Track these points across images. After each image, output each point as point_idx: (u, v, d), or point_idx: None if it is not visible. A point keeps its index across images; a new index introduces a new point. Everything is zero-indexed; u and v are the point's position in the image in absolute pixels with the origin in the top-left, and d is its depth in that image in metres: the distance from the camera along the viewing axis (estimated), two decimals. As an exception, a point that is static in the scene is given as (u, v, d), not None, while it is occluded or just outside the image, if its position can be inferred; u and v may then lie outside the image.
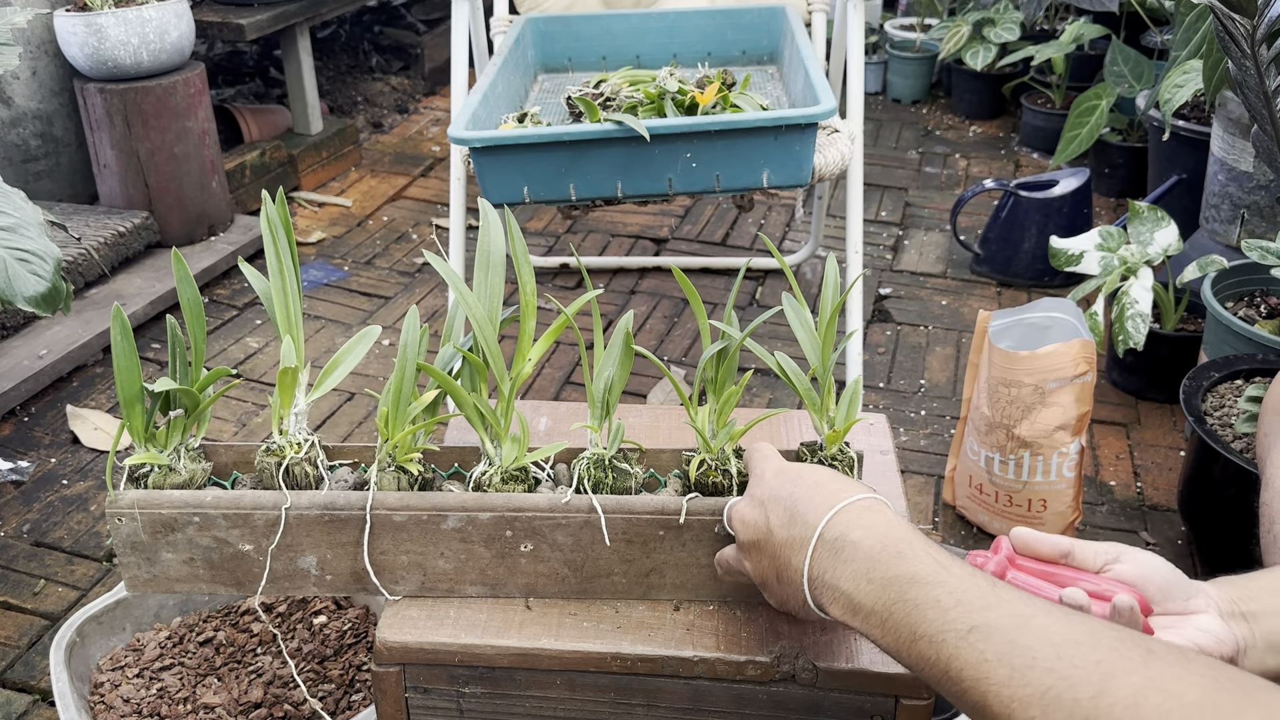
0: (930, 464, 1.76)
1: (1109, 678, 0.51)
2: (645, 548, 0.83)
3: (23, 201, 1.31)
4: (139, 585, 0.87)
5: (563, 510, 0.82)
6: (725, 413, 0.86)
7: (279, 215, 0.86)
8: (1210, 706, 0.48)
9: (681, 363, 2.08)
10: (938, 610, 0.59)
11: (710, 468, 0.85)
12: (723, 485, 0.84)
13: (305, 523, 0.84)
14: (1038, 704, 0.52)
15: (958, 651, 0.57)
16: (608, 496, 0.83)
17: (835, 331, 0.86)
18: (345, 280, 2.41)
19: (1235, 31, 1.17)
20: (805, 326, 0.88)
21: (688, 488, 0.86)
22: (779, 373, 0.86)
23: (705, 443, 0.85)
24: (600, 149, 1.35)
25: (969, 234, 2.52)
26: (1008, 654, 0.54)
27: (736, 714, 0.83)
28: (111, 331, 0.83)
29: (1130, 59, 2.65)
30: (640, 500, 0.83)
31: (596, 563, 0.84)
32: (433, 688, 0.84)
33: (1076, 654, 0.53)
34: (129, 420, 0.84)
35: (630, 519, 0.82)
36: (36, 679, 1.37)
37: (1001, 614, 0.57)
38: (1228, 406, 1.53)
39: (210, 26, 2.61)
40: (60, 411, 1.91)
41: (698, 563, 0.84)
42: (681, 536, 0.83)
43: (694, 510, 0.82)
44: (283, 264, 0.86)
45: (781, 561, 0.71)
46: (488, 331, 0.84)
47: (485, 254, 0.87)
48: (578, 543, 0.83)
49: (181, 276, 0.87)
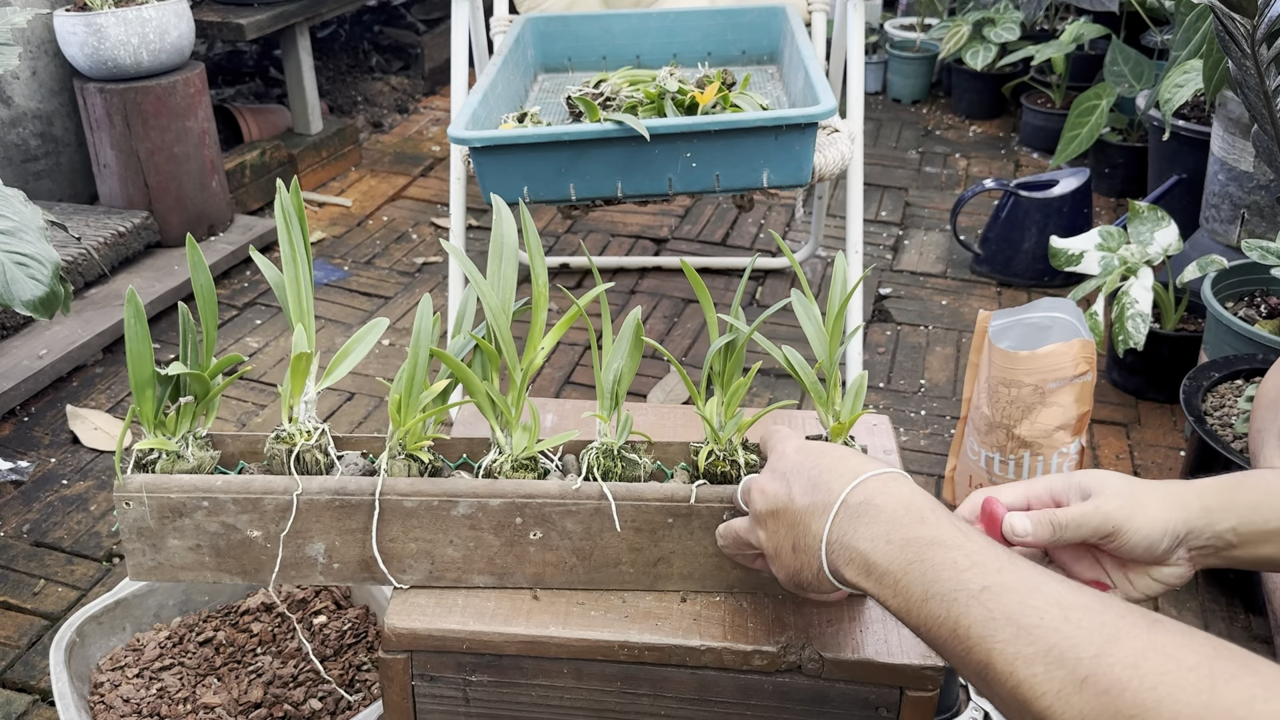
0: (930, 464, 1.76)
1: (1111, 639, 0.53)
2: (654, 536, 0.84)
3: (22, 204, 1.31)
4: (143, 573, 0.87)
5: (573, 496, 0.83)
6: (733, 404, 0.86)
7: (293, 205, 0.86)
8: (1207, 671, 0.50)
9: (683, 362, 2.08)
10: (953, 570, 0.60)
11: (719, 458, 0.85)
12: (731, 475, 0.85)
13: (315, 508, 0.84)
14: (1040, 661, 0.54)
15: (967, 609, 0.58)
16: (617, 484, 0.84)
17: (844, 324, 0.87)
18: (345, 280, 2.41)
19: (1235, 31, 1.17)
20: (814, 321, 0.88)
21: (695, 478, 0.86)
22: (786, 366, 0.86)
23: (714, 433, 0.86)
24: (600, 149, 1.35)
25: (969, 234, 2.52)
26: (1016, 613, 0.56)
27: (742, 704, 0.83)
28: (125, 314, 0.83)
29: (1130, 59, 2.66)
30: (650, 487, 0.83)
31: (605, 551, 0.85)
32: (440, 675, 0.84)
33: (1083, 617, 0.54)
34: (139, 404, 0.84)
35: (639, 505, 0.83)
36: (36, 679, 1.37)
37: (1014, 577, 0.58)
38: (1228, 406, 1.53)
39: (210, 26, 2.61)
40: (60, 411, 1.91)
41: (705, 552, 0.84)
42: (690, 524, 0.83)
43: (703, 497, 0.83)
44: (296, 253, 0.86)
45: (800, 528, 0.71)
46: (501, 319, 0.84)
47: (499, 245, 0.88)
48: (587, 530, 0.84)
49: (196, 264, 0.87)
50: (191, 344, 0.89)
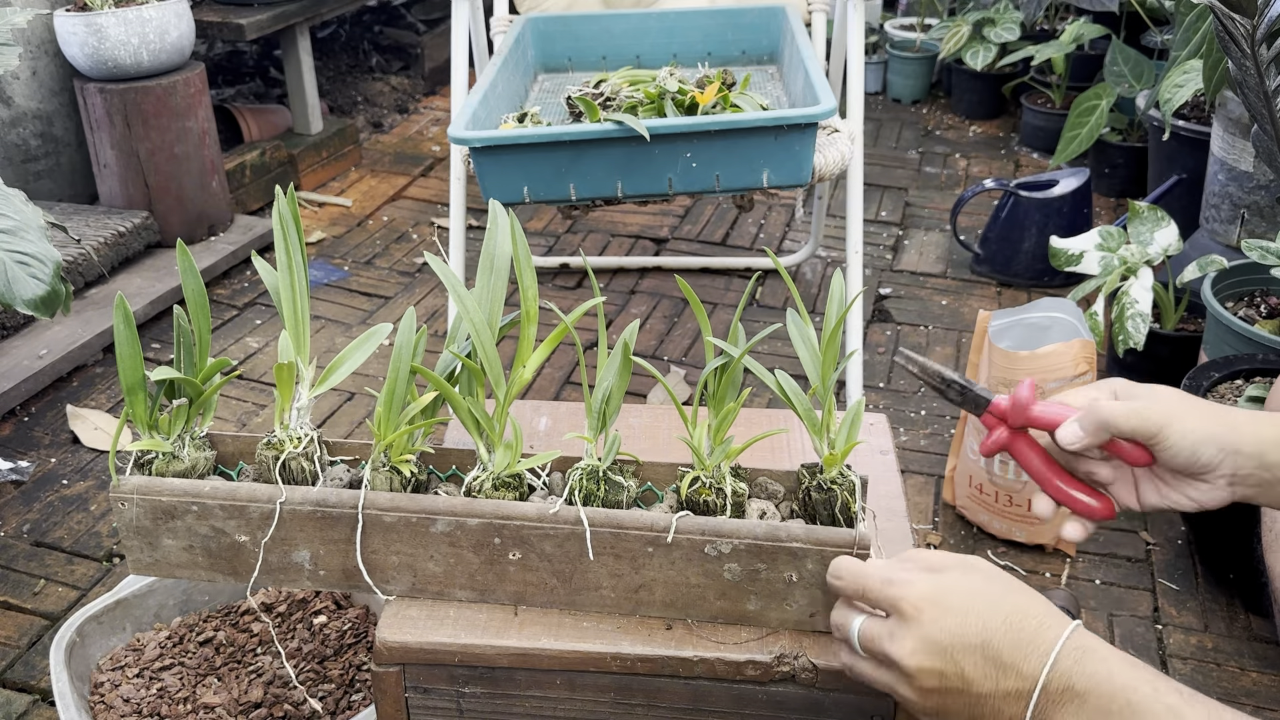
0: (930, 464, 1.76)
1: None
2: (634, 563, 0.82)
3: (22, 204, 1.31)
4: (142, 569, 0.89)
5: (550, 520, 0.82)
6: (723, 429, 0.84)
7: (290, 210, 0.86)
8: None
9: (682, 362, 2.08)
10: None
11: (703, 485, 0.83)
12: (715, 505, 0.82)
13: (299, 518, 0.84)
14: None
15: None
16: (596, 510, 0.82)
17: (838, 346, 0.85)
18: (345, 280, 2.41)
19: (1235, 31, 1.17)
20: (808, 344, 0.86)
21: (680, 506, 0.84)
22: (779, 393, 0.84)
23: (700, 459, 0.84)
24: (600, 149, 1.35)
25: (969, 234, 2.52)
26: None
27: (736, 714, 0.83)
28: (114, 320, 0.83)
29: (1130, 59, 2.65)
30: (629, 515, 0.81)
31: (585, 575, 0.83)
32: (432, 688, 0.84)
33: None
34: (131, 407, 0.85)
35: (618, 533, 0.81)
36: (36, 679, 1.37)
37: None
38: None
39: (210, 26, 2.61)
40: (60, 411, 1.91)
41: (688, 583, 0.82)
42: (670, 555, 0.81)
43: (683, 529, 0.80)
44: (292, 259, 0.87)
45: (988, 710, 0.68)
46: (485, 337, 0.83)
47: (490, 257, 0.86)
48: (565, 554, 0.83)
49: (186, 268, 0.87)
50: (186, 347, 0.89)
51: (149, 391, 0.86)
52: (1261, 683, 1.35)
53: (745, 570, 0.81)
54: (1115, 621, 1.44)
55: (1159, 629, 1.44)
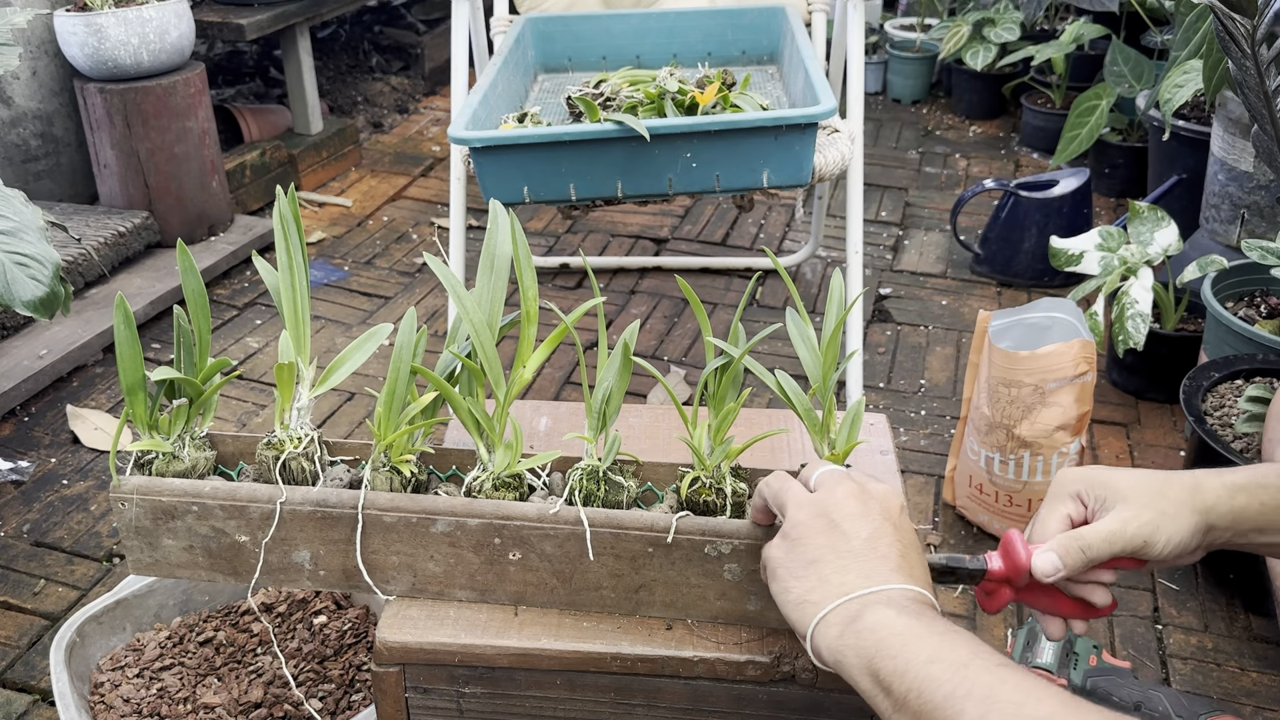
0: (930, 464, 1.76)
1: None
2: (634, 564, 0.82)
3: (22, 205, 1.31)
4: (142, 569, 0.89)
5: (550, 521, 0.82)
6: (723, 430, 0.84)
7: (290, 210, 0.86)
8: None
9: (682, 362, 2.08)
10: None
11: (704, 485, 0.83)
12: (715, 505, 0.82)
13: (299, 518, 0.84)
14: None
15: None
16: (597, 510, 0.82)
17: (838, 347, 0.85)
18: (345, 280, 2.41)
19: (1235, 31, 1.17)
20: (808, 344, 0.86)
21: (680, 506, 0.84)
22: (779, 393, 0.84)
23: (700, 459, 0.84)
24: (600, 149, 1.35)
25: (969, 234, 2.52)
26: None
27: (736, 714, 0.83)
28: (115, 320, 0.84)
29: (1130, 59, 2.65)
30: (629, 515, 0.81)
31: (585, 575, 0.83)
32: (433, 688, 0.84)
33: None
34: (131, 407, 0.85)
35: (618, 534, 0.81)
36: (36, 679, 1.37)
37: None
38: (1228, 406, 1.53)
39: (210, 26, 2.61)
40: (60, 411, 1.91)
41: (688, 583, 0.82)
42: (670, 555, 0.81)
43: (683, 530, 0.80)
44: (292, 259, 0.87)
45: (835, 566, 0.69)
46: (485, 338, 0.83)
47: (490, 257, 0.86)
48: (565, 554, 0.83)
49: (186, 268, 0.87)
50: (186, 347, 0.89)
51: (149, 391, 0.86)
52: (1261, 683, 1.35)
53: (745, 570, 0.81)
54: (1115, 621, 1.44)
55: (1159, 629, 1.44)
